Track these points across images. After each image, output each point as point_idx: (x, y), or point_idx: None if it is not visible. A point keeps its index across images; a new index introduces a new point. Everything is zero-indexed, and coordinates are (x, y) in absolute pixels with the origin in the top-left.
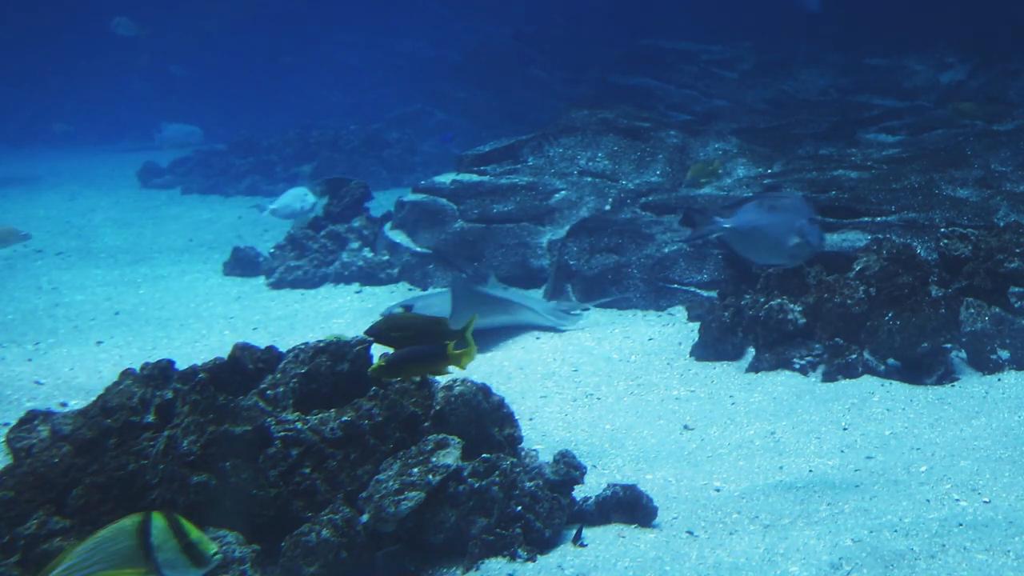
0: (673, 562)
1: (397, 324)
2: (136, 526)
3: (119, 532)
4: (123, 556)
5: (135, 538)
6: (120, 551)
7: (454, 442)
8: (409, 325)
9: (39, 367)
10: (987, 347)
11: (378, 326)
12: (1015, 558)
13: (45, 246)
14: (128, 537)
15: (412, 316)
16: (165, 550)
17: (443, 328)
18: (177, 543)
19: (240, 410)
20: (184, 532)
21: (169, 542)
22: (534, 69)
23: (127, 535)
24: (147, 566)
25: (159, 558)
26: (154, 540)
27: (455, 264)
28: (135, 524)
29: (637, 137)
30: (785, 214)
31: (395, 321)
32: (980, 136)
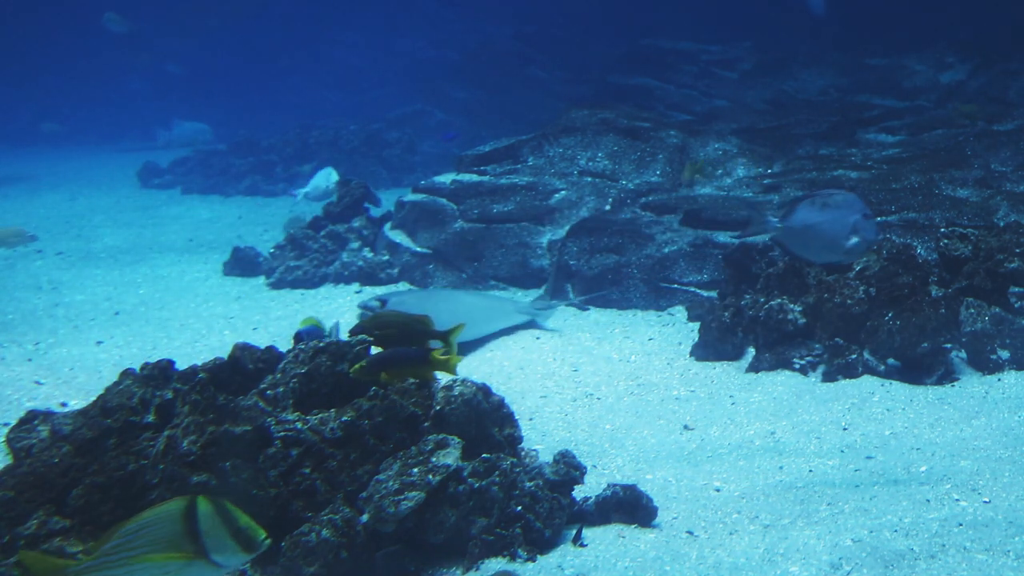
0: (673, 562)
1: (382, 322)
2: (182, 511)
3: (164, 517)
4: (169, 540)
5: (182, 523)
6: (166, 536)
7: (454, 442)
8: (393, 323)
9: (39, 367)
10: (987, 347)
11: (364, 324)
12: (1015, 558)
13: (45, 246)
14: (174, 522)
15: (397, 314)
16: (213, 535)
17: (427, 328)
18: (226, 528)
19: (240, 410)
20: (232, 517)
21: (217, 527)
22: (534, 69)
23: (173, 520)
24: (194, 550)
25: (207, 543)
26: (202, 525)
27: (455, 264)
28: (181, 509)
29: (637, 137)
30: (839, 211)
31: (380, 319)
32: (980, 136)
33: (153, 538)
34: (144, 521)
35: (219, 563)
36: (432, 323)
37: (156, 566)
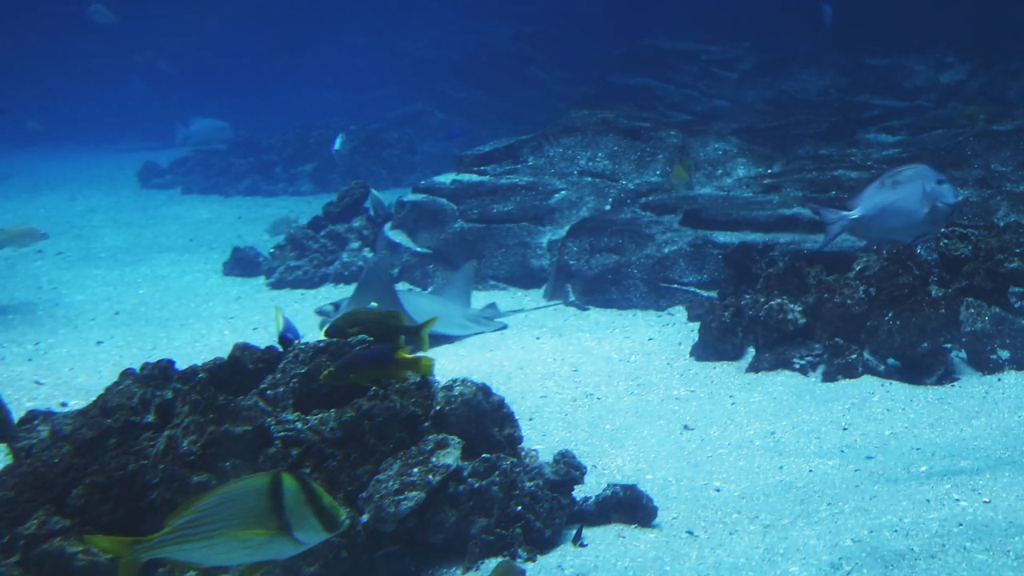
0: (673, 562)
1: (354, 320)
2: (268, 486)
3: (249, 491)
4: (253, 515)
5: (267, 498)
6: (251, 509)
7: (454, 442)
8: (363, 320)
9: (39, 367)
10: (987, 347)
11: (337, 324)
12: (1015, 558)
13: (45, 246)
14: (259, 497)
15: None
16: (297, 512)
17: (398, 323)
18: (310, 506)
19: (240, 410)
20: (316, 495)
21: (301, 504)
22: (534, 69)
23: (258, 494)
24: (278, 527)
25: (291, 520)
26: (286, 501)
27: (455, 264)
28: (266, 484)
29: (637, 137)
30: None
31: (353, 317)
32: (980, 136)
33: (236, 512)
34: (226, 494)
35: (300, 540)
36: (404, 318)
37: (238, 541)
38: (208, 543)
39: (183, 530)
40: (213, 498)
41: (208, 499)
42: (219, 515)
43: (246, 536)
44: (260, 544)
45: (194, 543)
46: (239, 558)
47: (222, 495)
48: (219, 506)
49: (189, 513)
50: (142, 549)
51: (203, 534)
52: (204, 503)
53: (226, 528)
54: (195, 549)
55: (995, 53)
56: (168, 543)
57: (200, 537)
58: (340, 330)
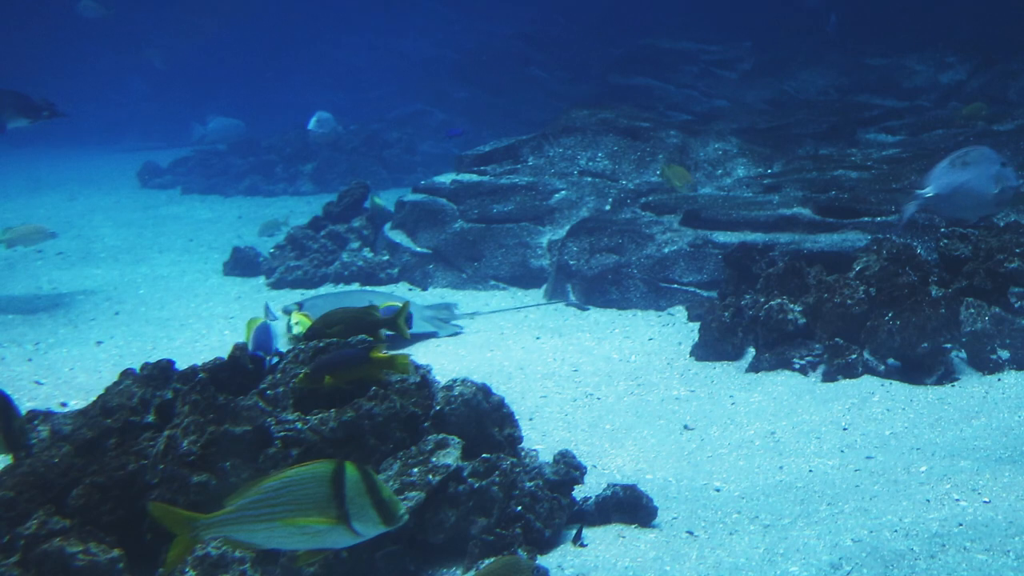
0: (673, 562)
1: (332, 320)
2: (330, 474)
3: (312, 477)
4: (315, 502)
5: (329, 486)
6: (312, 496)
7: (454, 442)
8: (342, 320)
9: (39, 367)
10: (987, 347)
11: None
12: (1015, 558)
13: (45, 246)
14: (322, 484)
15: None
16: (357, 503)
17: (375, 317)
18: (370, 497)
19: (240, 410)
20: (377, 487)
21: (362, 495)
22: (534, 69)
23: (321, 482)
24: (337, 516)
25: (350, 510)
26: (348, 491)
27: (455, 264)
28: (329, 472)
29: (637, 137)
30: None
31: (330, 318)
32: (980, 136)
33: (297, 497)
34: (289, 479)
35: (358, 531)
36: (379, 312)
37: (297, 527)
38: (268, 526)
39: (245, 511)
40: (276, 481)
41: (271, 481)
42: (281, 499)
43: (305, 523)
44: (318, 532)
45: (255, 525)
46: (297, 544)
47: (285, 479)
48: (281, 490)
49: (252, 494)
50: (202, 526)
51: (264, 516)
52: (267, 485)
53: (287, 513)
54: (255, 531)
55: (995, 53)
56: (228, 523)
57: (261, 519)
58: (319, 332)
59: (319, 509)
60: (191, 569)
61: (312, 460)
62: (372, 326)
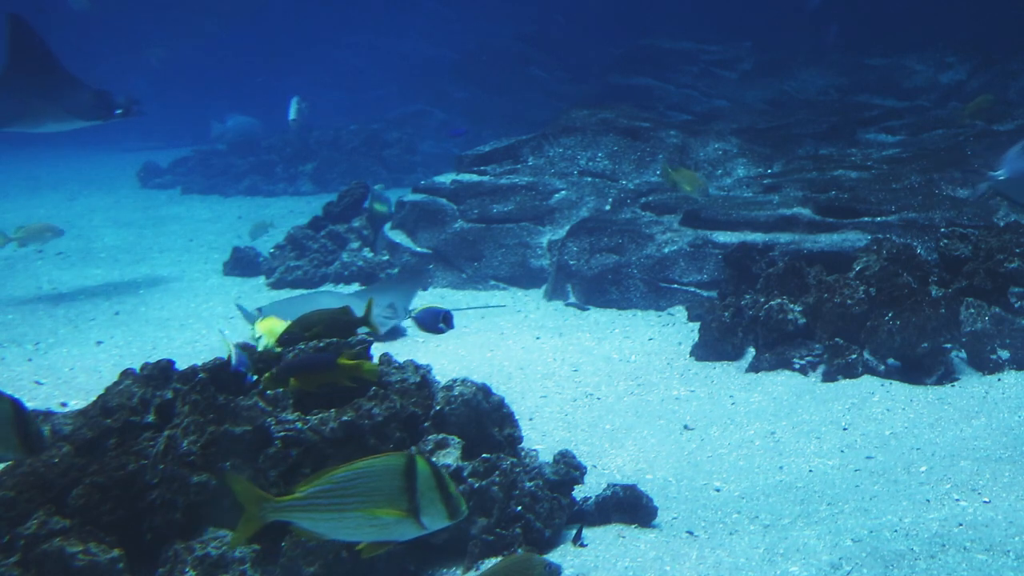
0: (673, 562)
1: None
2: (403, 467)
3: (385, 470)
4: (386, 494)
5: (402, 479)
6: (384, 488)
7: (454, 442)
8: (317, 322)
9: (39, 367)
10: (987, 347)
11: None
12: (1015, 558)
13: (45, 246)
14: (395, 477)
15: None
16: (427, 497)
17: (350, 317)
18: (439, 491)
19: (240, 410)
20: (445, 482)
21: (432, 490)
22: (534, 69)
23: (393, 474)
24: (407, 509)
25: (421, 503)
26: (419, 484)
27: (455, 264)
28: (401, 465)
29: (637, 137)
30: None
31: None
32: (980, 136)
33: (370, 488)
34: (362, 470)
35: (425, 525)
36: (352, 312)
37: (367, 518)
38: (338, 515)
39: (316, 499)
40: (348, 471)
41: (343, 471)
42: (353, 489)
43: (378, 515)
44: (387, 524)
45: (324, 513)
46: (364, 535)
47: (358, 469)
48: (354, 480)
49: (323, 483)
50: (271, 508)
51: (335, 506)
52: (339, 475)
53: (359, 504)
54: (324, 520)
55: (995, 53)
56: (298, 508)
57: (332, 508)
58: (297, 335)
59: (390, 501)
60: (191, 569)
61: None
62: (348, 326)
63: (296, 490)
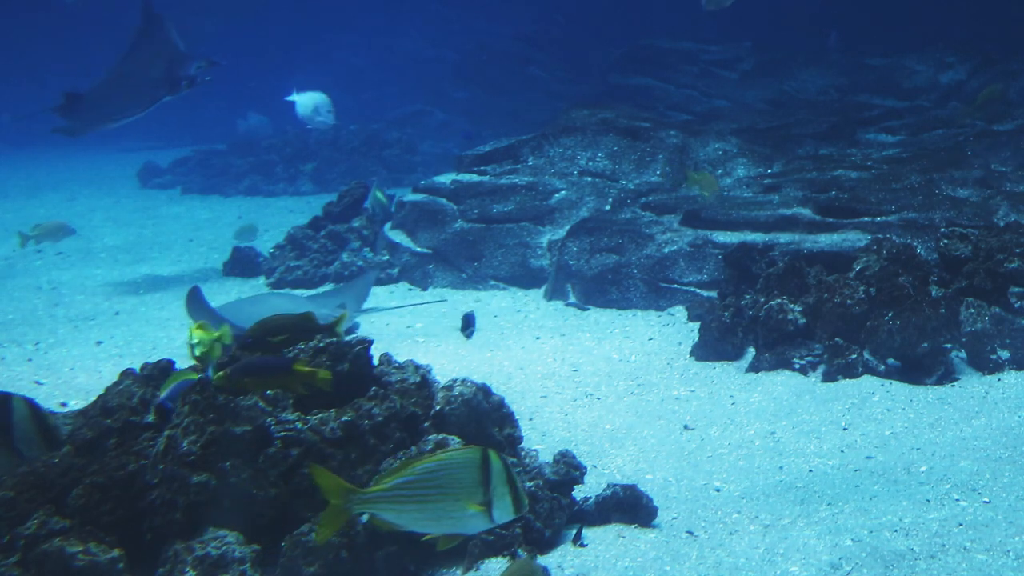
0: (673, 562)
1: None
2: (479, 461)
3: (463, 463)
4: (465, 487)
5: (479, 473)
6: (463, 481)
7: (454, 442)
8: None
9: (39, 367)
10: (987, 347)
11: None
12: (1015, 558)
13: (45, 246)
14: (472, 470)
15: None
16: (499, 491)
17: (313, 323)
18: (508, 486)
19: (240, 410)
20: (513, 476)
21: (503, 483)
22: (534, 69)
23: (471, 467)
24: (483, 502)
25: (493, 497)
26: (493, 478)
27: (455, 264)
28: (478, 458)
29: (637, 137)
30: None
31: (267, 325)
32: (980, 136)
33: (451, 481)
34: (443, 463)
35: (495, 518)
36: (315, 319)
37: (446, 510)
38: (420, 507)
39: (400, 490)
40: (430, 463)
41: (424, 464)
42: (435, 482)
43: (457, 507)
44: (464, 517)
45: (408, 505)
46: (440, 527)
47: (439, 463)
48: (436, 472)
49: (407, 475)
50: (357, 500)
51: (417, 498)
52: (421, 467)
53: (440, 496)
54: (407, 511)
55: (995, 53)
56: (383, 500)
57: (415, 500)
58: (257, 339)
59: (468, 494)
60: (191, 569)
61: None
62: (311, 332)
63: (379, 482)
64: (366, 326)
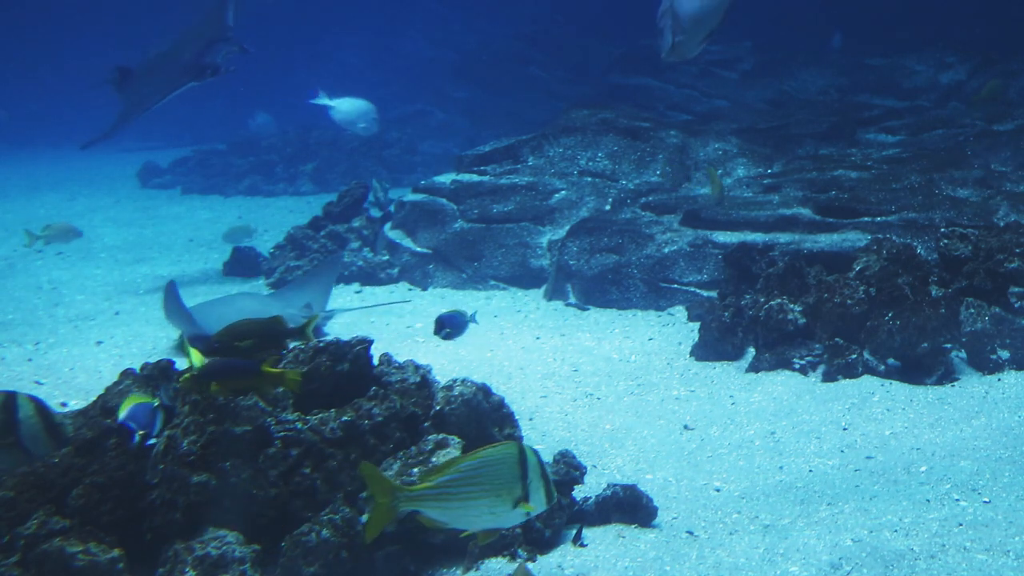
0: (673, 562)
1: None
2: (517, 456)
3: (503, 459)
4: (505, 482)
5: (518, 468)
6: (504, 477)
7: (454, 442)
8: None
9: (39, 367)
10: (987, 347)
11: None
12: (1015, 558)
13: (45, 246)
14: (512, 466)
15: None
16: (535, 484)
17: (282, 328)
18: (542, 480)
19: (240, 410)
20: (545, 470)
21: (538, 477)
22: (534, 69)
23: (511, 464)
24: (521, 496)
25: (529, 491)
26: (529, 472)
27: (455, 264)
28: (515, 454)
29: (637, 137)
30: None
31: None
32: (980, 136)
33: (492, 477)
34: (484, 460)
35: (529, 512)
36: (284, 322)
37: (488, 506)
38: (464, 504)
39: (446, 487)
40: (473, 461)
41: (468, 461)
42: (479, 479)
43: (499, 502)
44: (503, 512)
45: (453, 502)
46: (482, 523)
47: (481, 459)
48: (479, 469)
49: (451, 472)
50: (404, 498)
51: (462, 495)
52: (465, 464)
53: (483, 492)
54: (452, 508)
55: (995, 53)
56: (429, 498)
57: (460, 497)
58: (225, 343)
59: (508, 489)
60: (191, 569)
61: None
62: (280, 336)
63: (424, 480)
64: (366, 326)
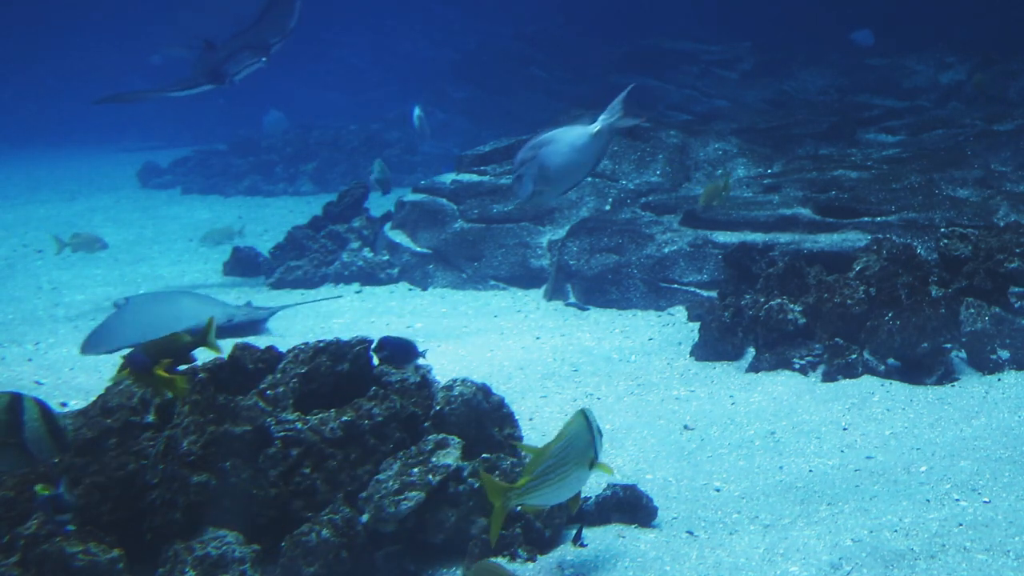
0: (673, 562)
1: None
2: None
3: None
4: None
5: (589, 434)
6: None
7: (454, 442)
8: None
9: (39, 367)
10: (987, 347)
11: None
12: (1015, 558)
13: (45, 246)
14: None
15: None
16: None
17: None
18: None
19: (240, 410)
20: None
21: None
22: (534, 69)
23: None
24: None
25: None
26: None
27: (455, 264)
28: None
29: (637, 137)
30: None
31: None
32: (980, 136)
33: (575, 451)
34: (568, 440)
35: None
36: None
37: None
38: (559, 484)
39: (544, 475)
40: (559, 444)
41: (555, 445)
42: (565, 458)
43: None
44: (584, 476)
45: (550, 487)
46: (569, 493)
47: (566, 440)
48: (565, 449)
49: (545, 461)
50: (514, 495)
51: (558, 476)
52: (553, 450)
53: (571, 468)
54: (550, 491)
55: (995, 53)
56: (532, 490)
57: (555, 479)
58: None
59: (586, 456)
60: (191, 569)
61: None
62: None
63: (525, 474)
64: (366, 326)
